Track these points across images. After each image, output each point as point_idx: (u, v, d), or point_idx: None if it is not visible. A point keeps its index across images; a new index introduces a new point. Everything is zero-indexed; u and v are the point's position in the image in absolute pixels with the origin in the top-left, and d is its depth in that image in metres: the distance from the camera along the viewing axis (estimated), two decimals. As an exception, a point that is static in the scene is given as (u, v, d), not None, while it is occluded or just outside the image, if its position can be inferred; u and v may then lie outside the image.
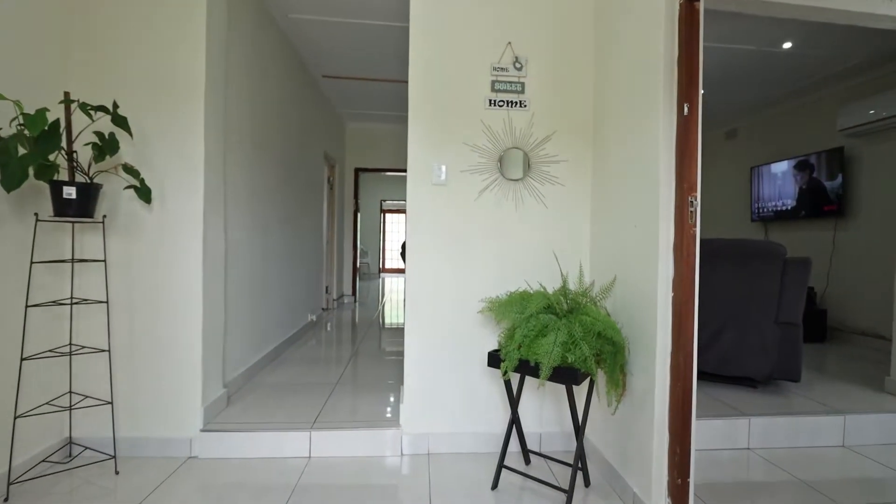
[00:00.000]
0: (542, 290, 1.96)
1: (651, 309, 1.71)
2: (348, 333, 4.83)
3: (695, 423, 1.68)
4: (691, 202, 1.62)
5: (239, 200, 2.95)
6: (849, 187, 4.16)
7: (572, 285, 2.13)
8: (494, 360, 1.90)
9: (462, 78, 2.34)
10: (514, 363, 1.81)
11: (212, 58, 2.39)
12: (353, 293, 6.85)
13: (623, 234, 1.97)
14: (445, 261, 2.32)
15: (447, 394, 2.31)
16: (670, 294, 1.67)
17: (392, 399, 2.75)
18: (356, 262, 6.85)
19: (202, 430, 2.26)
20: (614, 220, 2.06)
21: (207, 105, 2.36)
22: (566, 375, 1.71)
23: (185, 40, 2.31)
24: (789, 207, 4.71)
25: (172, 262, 2.29)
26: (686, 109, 1.63)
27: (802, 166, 4.52)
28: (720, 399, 2.62)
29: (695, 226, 1.63)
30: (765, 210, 5.05)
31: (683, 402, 1.64)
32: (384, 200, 13.05)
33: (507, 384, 1.95)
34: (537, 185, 2.37)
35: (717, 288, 2.74)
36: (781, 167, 4.78)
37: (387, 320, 5.89)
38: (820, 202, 4.35)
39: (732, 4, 2.44)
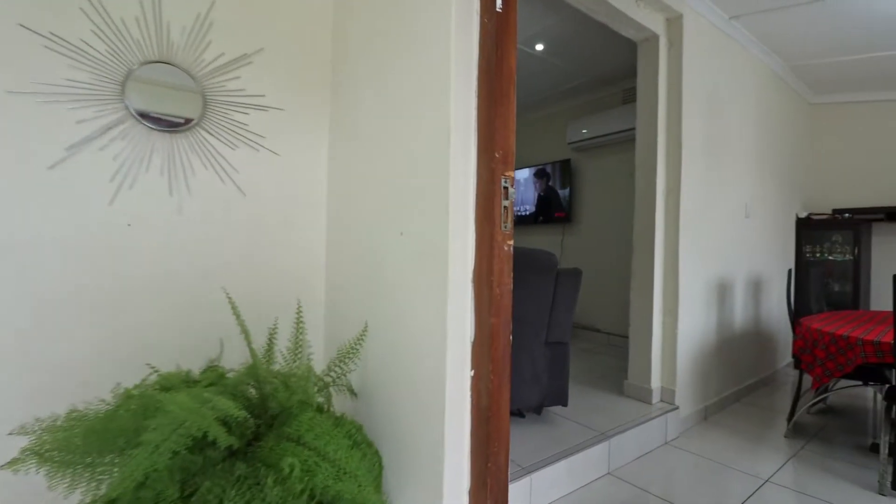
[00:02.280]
0: (189, 377, 0.84)
1: (433, 403, 0.85)
2: None
3: None
4: (505, 187, 0.82)
5: None
6: (574, 196, 4.59)
7: (279, 359, 1.07)
8: None
9: None
10: None
11: None
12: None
13: (382, 247, 1.06)
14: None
15: None
16: (468, 371, 0.84)
17: None
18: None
19: None
20: (366, 222, 1.13)
21: None
22: None
23: None
24: (529, 213, 4.98)
25: None
26: (499, 1, 0.81)
27: (541, 174, 4.81)
28: (495, 444, 2.09)
29: (510, 236, 0.84)
30: (510, 214, 5.25)
31: (494, 587, 0.84)
32: None
33: None
34: (223, 146, 1.20)
35: (492, 307, 2.21)
36: (524, 174, 5.02)
37: None
38: (553, 209, 4.68)
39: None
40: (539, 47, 3.48)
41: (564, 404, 2.37)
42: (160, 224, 1.10)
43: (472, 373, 0.82)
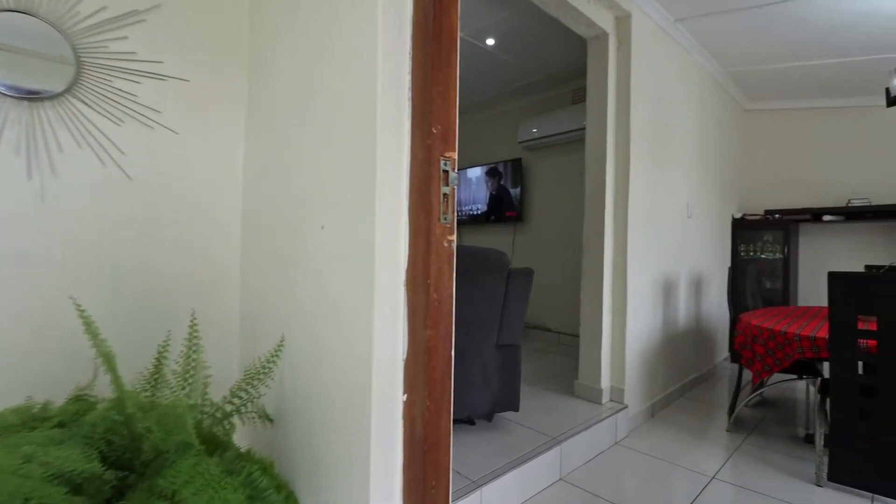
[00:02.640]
0: (45, 412, 0.64)
1: (357, 434, 0.70)
2: None
3: None
4: (445, 170, 0.69)
5: None
6: (525, 195, 4.57)
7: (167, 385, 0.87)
8: None
9: None
10: None
11: None
12: None
13: (301, 244, 0.89)
14: None
15: None
16: (400, 395, 0.69)
17: None
18: None
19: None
20: (285, 215, 0.95)
21: None
22: None
23: None
24: (481, 212, 4.92)
25: None
26: (433, -60, 0.67)
27: (493, 173, 4.75)
28: (445, 455, 1.95)
29: (452, 230, 0.71)
30: (461, 213, 5.16)
31: None
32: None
33: None
34: (104, 120, 0.98)
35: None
36: (476, 173, 4.95)
37: None
38: (505, 207, 4.64)
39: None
40: (490, 42, 3.40)
41: (516, 409, 2.28)
42: (14, 214, 0.87)
43: (405, 397, 0.68)
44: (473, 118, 5.09)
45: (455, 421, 2.24)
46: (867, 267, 2.58)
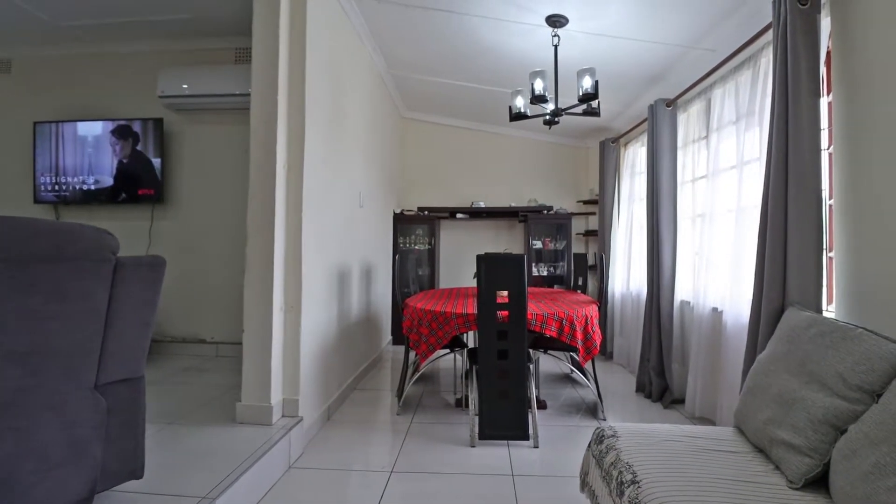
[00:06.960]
0: None
1: None
2: None
3: None
4: None
5: None
6: (169, 168, 3.47)
7: None
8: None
9: None
10: None
11: None
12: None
13: None
14: None
15: None
16: None
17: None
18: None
19: None
20: None
21: None
22: None
23: None
24: (104, 187, 3.42)
25: None
26: None
27: (124, 133, 3.35)
28: None
29: None
30: (66, 188, 3.45)
31: None
32: None
33: None
34: None
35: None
36: (95, 129, 3.38)
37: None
38: (140, 183, 3.39)
39: None
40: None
41: (139, 476, 1.49)
42: None
43: None
44: (75, 49, 3.43)
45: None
46: (486, 253, 3.24)
